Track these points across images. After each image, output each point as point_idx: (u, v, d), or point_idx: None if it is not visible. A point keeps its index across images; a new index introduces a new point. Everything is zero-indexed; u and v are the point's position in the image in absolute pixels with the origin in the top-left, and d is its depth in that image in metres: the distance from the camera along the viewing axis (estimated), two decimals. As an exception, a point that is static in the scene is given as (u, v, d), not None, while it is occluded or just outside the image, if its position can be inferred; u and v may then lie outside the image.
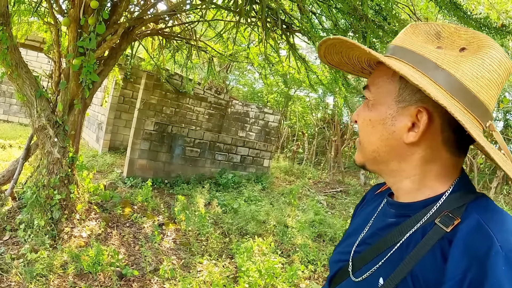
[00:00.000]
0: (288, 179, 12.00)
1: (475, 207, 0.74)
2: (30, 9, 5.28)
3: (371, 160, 0.89)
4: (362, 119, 0.88)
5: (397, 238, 0.81)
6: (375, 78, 0.87)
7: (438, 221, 0.75)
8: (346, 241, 1.03)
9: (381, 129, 0.84)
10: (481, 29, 3.77)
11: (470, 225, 0.70)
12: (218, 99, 12.80)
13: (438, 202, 0.79)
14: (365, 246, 0.91)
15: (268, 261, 4.04)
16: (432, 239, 0.73)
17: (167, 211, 6.24)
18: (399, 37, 0.86)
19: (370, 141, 0.87)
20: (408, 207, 0.84)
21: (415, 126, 0.79)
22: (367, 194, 1.18)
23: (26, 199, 4.44)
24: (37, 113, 4.48)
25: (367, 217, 1.00)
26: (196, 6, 5.75)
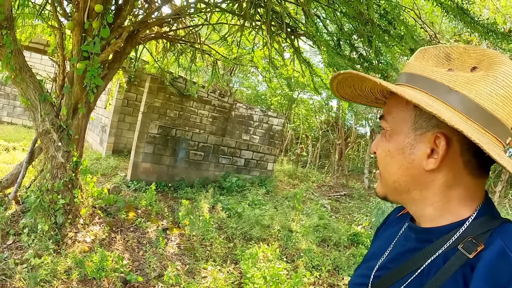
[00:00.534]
0: (292, 182, 11.97)
1: (500, 233, 0.72)
2: (34, 12, 5.28)
3: (393, 190, 0.88)
4: (381, 150, 0.88)
5: (418, 264, 0.79)
6: (390, 107, 0.87)
7: (461, 247, 0.73)
8: (366, 264, 1.01)
9: (400, 159, 0.83)
10: (488, 34, 3.74)
11: (494, 252, 0.68)
12: (222, 102, 12.79)
13: (462, 228, 0.77)
14: (385, 270, 0.89)
15: (273, 267, 4.00)
16: (454, 265, 0.72)
17: (171, 215, 6.22)
18: (410, 64, 0.86)
19: (390, 172, 0.86)
20: (430, 232, 0.82)
21: (434, 152, 0.78)
22: (390, 215, 1.15)
23: (29, 203, 4.42)
24: (41, 117, 4.46)
25: (388, 240, 0.98)
26: (201, 9, 5.74)
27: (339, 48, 5.48)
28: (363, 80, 0.85)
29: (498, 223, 0.74)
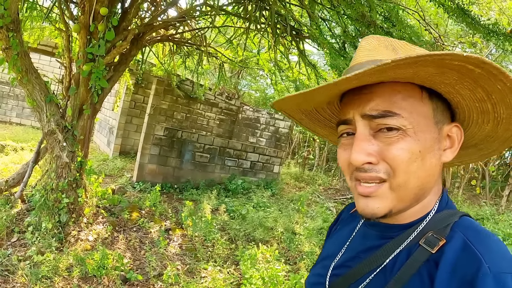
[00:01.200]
0: (298, 185, 11.96)
1: (460, 226, 0.73)
2: (42, 15, 5.38)
3: (410, 200, 0.77)
4: (408, 153, 0.72)
5: (380, 260, 0.78)
6: (396, 101, 0.74)
7: (423, 242, 0.73)
8: (322, 263, 0.98)
9: (430, 158, 0.75)
10: (490, 35, 3.75)
11: (456, 246, 0.69)
12: (229, 104, 12.84)
13: (423, 223, 0.77)
14: (345, 269, 0.88)
15: (272, 268, 4.03)
16: (417, 261, 0.71)
17: (174, 216, 6.27)
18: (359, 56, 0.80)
19: (419, 177, 0.74)
20: (392, 228, 0.82)
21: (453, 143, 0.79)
22: (341, 212, 1.14)
23: (34, 202, 4.51)
24: (47, 118, 4.55)
25: (343, 238, 0.97)
26: (206, 12, 5.80)
27: (343, 50, 5.51)
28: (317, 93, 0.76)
29: (457, 217, 0.75)
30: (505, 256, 0.66)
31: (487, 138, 0.86)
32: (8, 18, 3.90)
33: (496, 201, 10.68)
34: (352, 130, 0.79)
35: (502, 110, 0.73)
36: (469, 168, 11.55)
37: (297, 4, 5.86)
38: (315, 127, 1.01)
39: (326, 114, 0.95)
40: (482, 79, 0.66)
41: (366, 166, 0.74)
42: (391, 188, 0.74)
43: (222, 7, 5.55)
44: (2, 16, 3.85)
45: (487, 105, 0.74)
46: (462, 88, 0.72)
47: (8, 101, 14.32)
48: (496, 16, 5.81)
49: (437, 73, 0.68)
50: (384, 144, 0.73)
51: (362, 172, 0.75)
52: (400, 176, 0.73)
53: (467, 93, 0.73)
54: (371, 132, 0.75)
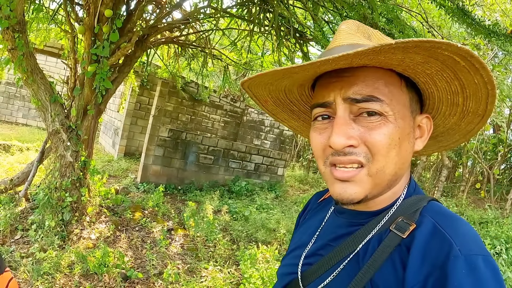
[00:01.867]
0: (303, 188, 11.97)
1: (429, 211, 0.75)
2: (48, 17, 5.45)
3: (385, 185, 0.78)
4: (387, 139, 0.73)
5: (352, 247, 0.79)
6: (378, 87, 0.74)
7: (394, 227, 0.74)
8: (293, 253, 0.98)
9: (406, 146, 0.76)
10: (490, 35, 3.76)
11: (427, 230, 0.70)
12: (233, 107, 12.88)
13: (392, 209, 0.79)
14: (316, 257, 0.87)
15: (271, 268, 4.05)
16: (389, 246, 0.72)
17: (177, 216, 6.31)
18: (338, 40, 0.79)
19: (395, 163, 0.75)
20: (361, 215, 0.83)
21: (423, 132, 0.82)
22: (309, 202, 1.14)
23: (38, 200, 4.56)
24: (51, 118, 4.61)
25: (313, 227, 0.97)
26: (210, 14, 5.85)
27: (346, 53, 5.52)
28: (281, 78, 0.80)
29: (425, 202, 0.77)
30: (475, 238, 0.68)
31: (448, 131, 0.89)
32: (14, 19, 3.97)
33: (501, 204, 10.61)
34: (329, 113, 0.78)
35: (471, 104, 0.76)
36: (474, 171, 11.51)
37: (300, 6, 5.90)
38: (277, 112, 1.01)
39: (292, 97, 0.95)
40: (462, 72, 0.69)
41: (346, 149, 0.73)
42: (368, 174, 0.74)
43: (226, 9, 5.60)
44: (8, 17, 3.92)
45: (458, 98, 0.77)
46: (439, 79, 0.74)
47: (14, 102, 14.46)
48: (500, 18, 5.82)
49: (423, 62, 0.69)
50: (365, 129, 0.73)
51: (341, 155, 0.74)
52: (379, 161, 0.73)
53: (443, 85, 0.76)
54: (351, 116, 0.74)
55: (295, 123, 1.05)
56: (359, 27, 0.83)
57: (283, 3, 5.24)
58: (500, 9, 5.66)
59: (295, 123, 1.05)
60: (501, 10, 5.70)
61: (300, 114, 1.01)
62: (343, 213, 0.89)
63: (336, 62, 0.67)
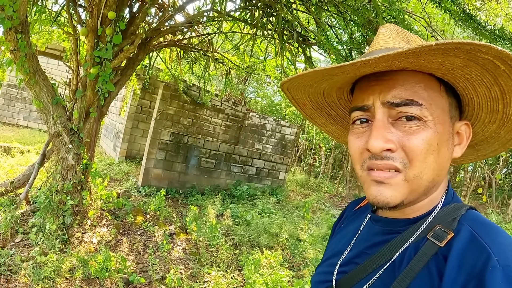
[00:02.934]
0: (304, 192, 11.92)
1: (468, 219, 0.73)
2: (51, 19, 5.43)
3: (422, 191, 0.76)
4: (426, 144, 0.72)
5: (388, 256, 0.77)
6: (417, 91, 0.73)
7: (431, 236, 0.72)
8: (328, 261, 0.97)
9: (445, 152, 0.75)
10: (496, 40, 3.73)
11: (464, 239, 0.68)
12: (235, 111, 12.86)
13: (430, 217, 0.76)
14: (352, 265, 0.86)
15: (275, 274, 4.00)
16: (425, 255, 0.71)
17: (179, 220, 6.27)
18: (379, 43, 0.79)
19: (433, 169, 0.74)
20: (397, 223, 0.81)
21: (462, 139, 0.80)
22: (345, 210, 1.12)
23: (39, 203, 4.52)
24: (53, 120, 4.57)
25: (349, 235, 0.96)
26: (213, 18, 5.83)
27: (350, 57, 5.50)
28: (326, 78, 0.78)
29: (464, 210, 0.75)
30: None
31: (487, 139, 0.86)
32: (17, 20, 3.94)
33: (502, 209, 10.58)
34: (368, 117, 0.77)
35: (511, 111, 0.74)
36: (475, 176, 11.47)
37: (304, 10, 5.88)
38: (315, 116, 1.00)
39: (331, 101, 0.94)
40: (503, 77, 0.67)
41: (384, 153, 0.73)
42: (405, 179, 0.73)
43: (229, 13, 5.57)
44: (11, 18, 3.89)
45: (498, 105, 0.75)
46: (479, 84, 0.72)
47: (16, 104, 14.46)
48: (503, 22, 5.79)
49: (462, 66, 0.68)
50: (403, 133, 0.72)
51: (378, 159, 0.73)
52: (416, 167, 0.72)
53: (483, 91, 0.74)
54: (389, 120, 0.74)
55: (332, 128, 1.04)
56: (398, 31, 0.82)
57: (287, 7, 5.21)
58: (504, 14, 5.64)
59: (333, 128, 1.04)
60: (504, 15, 5.68)
61: (338, 119, 1.00)
62: (379, 221, 0.87)
63: (376, 63, 0.66)
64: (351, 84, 0.86)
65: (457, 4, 3.64)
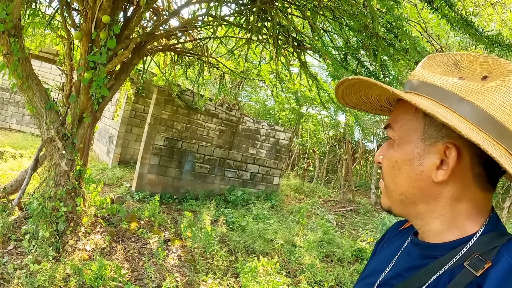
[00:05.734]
0: (298, 197, 11.90)
1: (508, 250, 0.70)
2: (44, 22, 5.37)
3: (399, 203, 0.84)
4: (387, 160, 0.84)
5: (423, 281, 0.76)
6: (397, 115, 0.83)
7: (468, 264, 0.70)
8: (366, 280, 0.97)
9: (408, 170, 0.79)
10: (493, 46, 3.73)
11: (502, 270, 0.66)
12: (229, 115, 12.83)
13: (468, 244, 0.74)
14: (387, 287, 0.86)
15: (272, 281, 3.96)
16: (460, 283, 0.69)
17: (173, 227, 6.20)
18: (418, 71, 0.83)
19: (396, 183, 0.82)
20: (435, 248, 0.79)
21: (444, 164, 0.75)
22: (388, 230, 1.12)
23: (32, 209, 4.45)
24: (46, 125, 4.51)
25: (390, 255, 0.95)
26: (208, 22, 5.79)
27: (345, 62, 5.50)
28: (371, 86, 0.83)
29: (505, 240, 0.72)
30: None
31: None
32: (10, 23, 3.88)
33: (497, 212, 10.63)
34: None
35: None
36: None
37: (299, 15, 5.86)
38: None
39: None
40: None
41: (379, 164, 0.88)
42: (384, 188, 0.87)
43: (224, 17, 5.54)
44: (4, 21, 3.83)
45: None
46: None
47: (8, 107, 14.33)
48: (497, 27, 5.82)
49: None
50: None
51: None
52: (384, 178, 0.86)
53: None
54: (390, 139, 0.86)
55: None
56: (435, 59, 0.84)
57: (282, 12, 5.19)
58: (500, 19, 5.66)
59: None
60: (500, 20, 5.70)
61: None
62: (417, 244, 0.86)
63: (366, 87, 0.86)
64: None
65: (454, 10, 3.63)
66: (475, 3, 5.58)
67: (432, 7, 3.81)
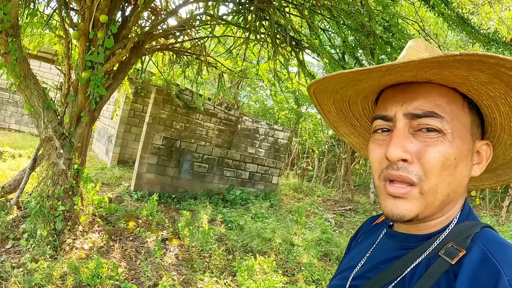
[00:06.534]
0: (297, 196, 11.91)
1: (481, 238, 0.71)
2: (42, 22, 5.38)
3: (437, 206, 0.75)
4: (443, 157, 0.71)
5: (399, 272, 0.76)
6: (440, 104, 0.73)
7: (443, 253, 0.72)
8: (341, 274, 0.97)
9: (462, 168, 0.75)
10: (490, 44, 3.74)
11: (476, 258, 0.67)
12: (228, 115, 12.84)
13: (444, 233, 0.76)
14: (363, 280, 0.86)
15: (269, 280, 3.97)
16: (436, 272, 0.70)
17: (171, 226, 6.21)
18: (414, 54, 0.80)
19: (448, 184, 0.73)
20: (412, 238, 0.81)
21: (479, 159, 0.79)
22: (361, 226, 1.12)
23: (30, 209, 4.46)
24: (44, 124, 4.52)
25: (364, 249, 0.95)
26: (206, 22, 5.80)
27: (343, 61, 5.50)
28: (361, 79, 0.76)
29: (478, 228, 0.73)
30: None
31: (508, 163, 0.85)
32: (8, 23, 3.89)
33: (496, 212, 10.64)
34: (389, 127, 0.78)
35: None
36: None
37: (297, 14, 5.87)
38: (339, 125, 1.01)
39: (355, 110, 0.95)
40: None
41: (400, 163, 0.73)
42: (421, 192, 0.73)
43: (222, 16, 5.55)
44: (2, 21, 3.84)
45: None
46: (503, 104, 0.72)
47: (7, 107, 14.35)
48: (496, 26, 5.83)
49: (487, 82, 0.68)
50: (422, 144, 0.72)
51: (394, 170, 0.73)
52: (431, 180, 0.72)
53: (506, 110, 0.74)
54: (410, 130, 0.74)
55: (355, 139, 1.05)
56: (427, 46, 0.83)
57: (280, 11, 5.20)
58: (497, 17, 5.67)
59: (355, 139, 1.05)
60: (497, 18, 5.71)
61: (360, 130, 1.02)
62: (394, 236, 0.87)
63: (401, 70, 0.68)
64: (376, 94, 0.86)
65: (450, 8, 3.64)
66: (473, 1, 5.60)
67: (429, 5, 3.83)
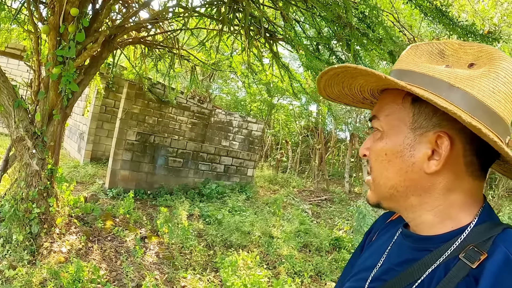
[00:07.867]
0: (273, 188, 11.94)
1: (503, 240, 0.68)
2: (10, 16, 5.15)
3: (388, 197, 0.80)
4: (375, 153, 0.80)
5: (417, 275, 0.74)
6: (383, 105, 0.80)
7: (463, 256, 0.69)
8: (358, 275, 0.93)
9: (399, 162, 0.76)
10: (467, 36, 3.78)
11: (498, 261, 0.64)
12: (201, 108, 12.71)
13: (463, 235, 0.72)
14: (380, 282, 0.83)
15: (254, 275, 3.95)
16: (456, 276, 0.67)
17: (149, 223, 6.11)
18: (402, 60, 0.80)
19: (387, 177, 0.79)
20: (428, 240, 0.77)
21: (436, 154, 0.73)
22: (375, 223, 1.09)
23: (4, 213, 4.28)
24: (15, 124, 4.34)
25: (380, 249, 0.92)
26: (179, 14, 5.68)
27: (317, 52, 5.49)
28: (355, 76, 0.79)
29: (500, 230, 0.70)
30: None
31: None
32: (-28, 19, 3.70)
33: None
34: None
35: None
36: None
37: (271, 6, 5.81)
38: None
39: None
40: None
41: (365, 158, 0.84)
42: (372, 182, 0.83)
43: (195, 8, 5.45)
44: (-34, 17, 3.65)
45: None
46: None
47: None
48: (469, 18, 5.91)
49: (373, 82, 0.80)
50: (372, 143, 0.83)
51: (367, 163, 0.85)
52: (373, 173, 0.82)
53: None
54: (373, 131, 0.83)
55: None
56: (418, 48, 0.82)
57: (254, 2, 5.14)
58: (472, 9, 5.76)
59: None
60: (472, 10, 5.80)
61: None
62: (409, 236, 0.84)
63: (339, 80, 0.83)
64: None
65: (429, 1, 3.66)
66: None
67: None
